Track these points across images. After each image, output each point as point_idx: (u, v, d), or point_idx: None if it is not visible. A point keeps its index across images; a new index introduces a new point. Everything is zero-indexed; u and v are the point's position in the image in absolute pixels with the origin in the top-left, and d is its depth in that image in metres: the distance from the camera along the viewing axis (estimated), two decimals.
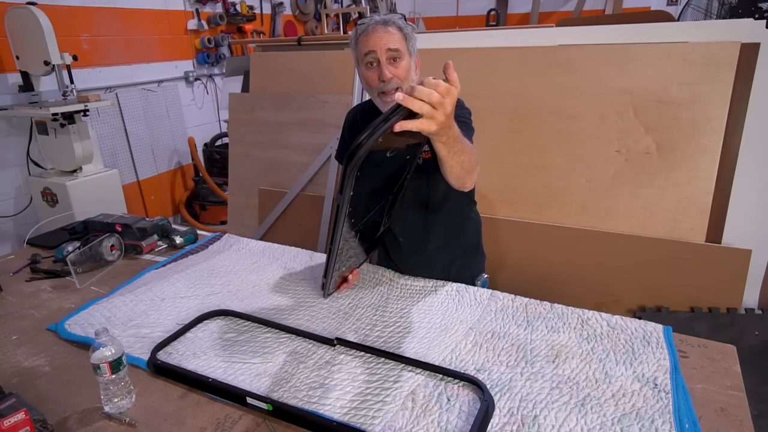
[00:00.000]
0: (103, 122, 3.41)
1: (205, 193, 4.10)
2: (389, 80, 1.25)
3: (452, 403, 0.93)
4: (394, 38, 1.25)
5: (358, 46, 1.29)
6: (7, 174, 2.88)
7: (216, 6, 4.29)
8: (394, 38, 1.25)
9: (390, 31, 1.25)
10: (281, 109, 2.72)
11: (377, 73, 1.27)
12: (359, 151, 0.88)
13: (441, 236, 1.46)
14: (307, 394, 0.97)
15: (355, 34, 1.30)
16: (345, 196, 0.97)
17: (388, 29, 1.25)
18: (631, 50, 1.98)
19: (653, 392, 0.94)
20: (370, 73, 1.28)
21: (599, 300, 2.05)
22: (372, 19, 1.27)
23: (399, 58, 1.26)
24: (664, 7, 5.37)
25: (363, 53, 1.27)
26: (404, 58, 1.27)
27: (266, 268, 1.54)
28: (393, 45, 1.25)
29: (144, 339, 1.17)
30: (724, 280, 1.86)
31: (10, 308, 1.35)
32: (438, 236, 1.46)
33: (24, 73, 2.73)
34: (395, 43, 1.25)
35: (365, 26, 1.27)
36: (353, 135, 1.48)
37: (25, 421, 0.85)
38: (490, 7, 6.44)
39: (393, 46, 1.25)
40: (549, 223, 2.12)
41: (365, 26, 1.27)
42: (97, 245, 1.57)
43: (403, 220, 1.45)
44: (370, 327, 1.20)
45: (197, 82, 4.21)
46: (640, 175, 1.98)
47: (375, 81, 1.28)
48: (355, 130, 1.48)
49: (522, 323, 1.19)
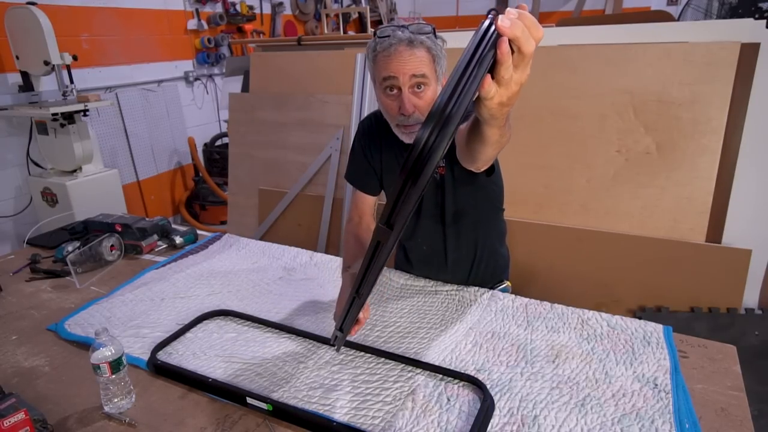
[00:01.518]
0: (103, 122, 3.41)
1: (205, 193, 4.10)
2: (410, 115, 1.07)
3: (452, 403, 0.93)
4: (420, 62, 1.04)
5: (377, 65, 1.08)
6: (7, 174, 2.88)
7: (216, 6, 4.29)
8: (420, 62, 1.04)
9: (416, 53, 1.04)
10: (281, 109, 2.72)
11: (397, 103, 1.08)
12: (446, 132, 0.55)
13: (459, 248, 1.35)
14: (307, 394, 0.97)
15: (373, 48, 1.08)
16: (400, 219, 0.63)
17: (414, 51, 1.04)
18: (631, 50, 1.98)
19: (653, 392, 0.94)
20: (388, 100, 1.09)
21: (599, 300, 2.05)
22: (395, 35, 1.04)
23: (424, 85, 1.07)
24: (664, 7, 5.36)
25: (382, 76, 1.07)
26: (430, 86, 1.07)
27: (266, 268, 1.54)
28: (418, 71, 1.04)
29: (144, 339, 1.17)
30: (724, 280, 1.86)
31: (10, 308, 1.35)
32: (456, 248, 1.34)
33: (24, 73, 2.73)
34: (421, 68, 1.05)
35: (387, 44, 1.04)
36: (369, 150, 1.30)
37: (25, 421, 0.85)
38: (490, 7, 6.44)
39: (418, 72, 1.04)
40: (549, 223, 2.12)
41: (387, 44, 1.04)
42: (97, 245, 1.57)
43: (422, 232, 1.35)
44: (370, 327, 1.20)
45: (197, 82, 4.21)
46: (640, 175, 1.98)
47: (394, 111, 1.09)
48: (371, 143, 1.30)
49: (522, 323, 1.19)
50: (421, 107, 1.07)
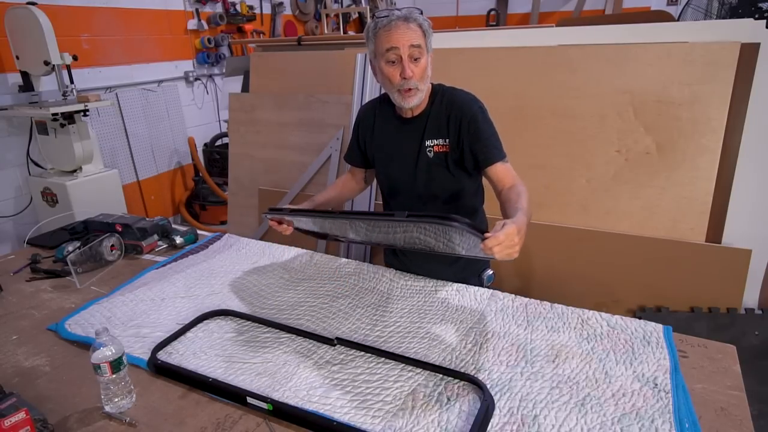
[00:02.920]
0: (103, 122, 3.41)
1: (205, 193, 4.10)
2: (410, 79, 1.24)
3: (452, 403, 0.94)
4: (416, 34, 1.24)
5: (378, 40, 1.26)
6: (7, 174, 2.88)
7: (216, 6, 4.29)
8: (416, 34, 1.24)
9: (411, 27, 1.23)
10: (281, 109, 2.72)
11: (399, 70, 1.25)
12: None
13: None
14: (307, 394, 0.97)
15: (374, 27, 1.27)
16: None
17: (410, 25, 1.23)
18: (631, 50, 1.98)
19: (653, 392, 0.94)
20: (391, 69, 1.26)
21: (599, 300, 2.05)
22: (393, 13, 1.24)
23: (419, 56, 1.25)
24: (664, 7, 5.36)
25: (384, 49, 1.25)
26: (423, 56, 1.26)
27: (266, 268, 1.54)
28: (415, 41, 1.23)
29: (144, 339, 1.17)
30: (724, 280, 1.86)
31: (11, 308, 1.36)
32: None
33: (24, 73, 2.73)
34: (417, 39, 1.24)
35: (387, 20, 1.24)
36: (365, 133, 1.48)
37: (26, 420, 0.85)
38: (490, 7, 6.43)
39: (415, 43, 1.23)
40: (549, 223, 2.12)
41: (387, 20, 1.24)
42: (98, 245, 1.57)
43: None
44: (370, 327, 1.20)
45: (197, 82, 4.21)
46: (640, 175, 1.98)
47: (396, 78, 1.26)
48: (366, 127, 1.48)
49: (522, 323, 1.19)
50: (417, 74, 1.26)
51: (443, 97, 1.35)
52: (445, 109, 1.34)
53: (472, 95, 1.36)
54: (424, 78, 1.28)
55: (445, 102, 1.34)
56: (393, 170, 1.44)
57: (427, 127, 1.36)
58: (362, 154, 1.52)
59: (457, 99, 1.34)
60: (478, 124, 1.29)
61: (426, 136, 1.36)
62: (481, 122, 1.30)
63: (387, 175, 1.47)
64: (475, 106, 1.32)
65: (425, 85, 1.30)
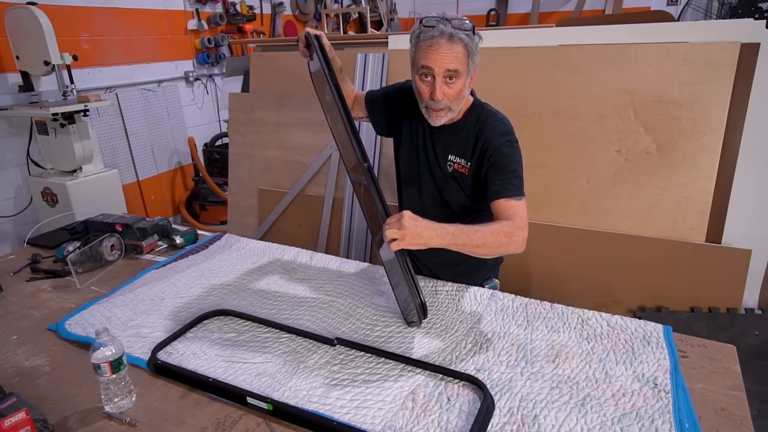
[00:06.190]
0: (103, 122, 3.41)
1: (205, 193, 4.10)
2: (439, 101, 1.20)
3: (452, 403, 0.94)
4: (456, 57, 1.16)
5: (417, 51, 1.20)
6: (7, 174, 2.88)
7: (216, 6, 4.29)
8: (456, 57, 1.16)
9: (454, 49, 1.15)
10: (281, 109, 2.72)
11: (430, 89, 1.21)
12: None
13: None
14: (307, 394, 0.97)
15: (417, 35, 1.20)
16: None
17: (453, 47, 1.15)
18: (631, 50, 1.98)
19: (653, 392, 0.94)
20: (423, 85, 1.22)
21: (599, 300, 2.05)
22: (438, 27, 1.15)
23: (455, 78, 1.19)
24: (664, 7, 5.37)
25: (420, 64, 1.19)
26: (461, 79, 1.20)
27: (266, 268, 1.54)
28: (453, 66, 1.17)
29: (144, 339, 1.17)
30: (724, 280, 1.86)
31: (11, 308, 1.36)
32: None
33: (24, 73, 2.73)
34: (456, 63, 1.17)
35: (429, 35, 1.16)
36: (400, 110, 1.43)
37: (26, 420, 0.85)
38: (490, 7, 6.44)
39: (452, 67, 1.17)
40: (549, 223, 2.12)
41: (429, 35, 1.16)
42: (98, 245, 1.57)
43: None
44: (370, 327, 1.20)
45: (197, 82, 4.21)
46: (640, 175, 1.98)
47: (426, 95, 1.22)
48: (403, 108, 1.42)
49: (522, 323, 1.19)
50: (449, 95, 1.21)
51: (479, 118, 1.30)
52: (476, 132, 1.29)
53: (507, 126, 1.30)
54: (458, 99, 1.23)
55: (479, 125, 1.29)
56: (410, 167, 1.42)
57: (454, 142, 1.32)
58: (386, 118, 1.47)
59: (489, 126, 1.28)
60: (499, 158, 1.25)
61: (451, 150, 1.33)
62: (504, 157, 1.25)
63: (404, 167, 1.45)
64: (504, 140, 1.26)
65: (459, 105, 1.26)
